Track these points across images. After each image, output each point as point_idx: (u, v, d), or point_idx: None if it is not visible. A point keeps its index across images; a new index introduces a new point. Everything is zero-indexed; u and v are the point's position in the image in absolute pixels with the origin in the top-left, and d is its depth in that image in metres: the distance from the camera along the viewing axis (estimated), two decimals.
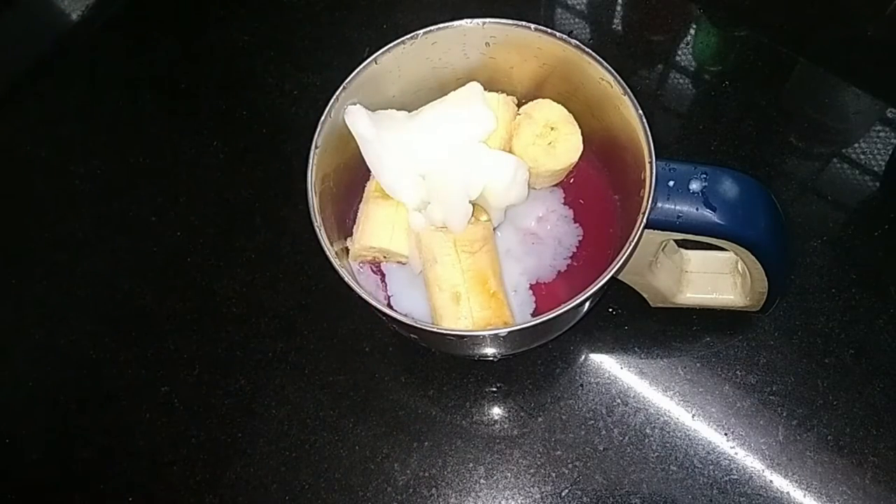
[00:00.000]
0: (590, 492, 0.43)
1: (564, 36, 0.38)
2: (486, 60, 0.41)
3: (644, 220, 0.34)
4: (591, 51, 0.37)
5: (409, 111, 0.41)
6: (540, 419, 0.45)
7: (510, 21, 0.38)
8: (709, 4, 0.59)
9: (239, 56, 0.59)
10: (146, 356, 0.48)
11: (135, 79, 0.60)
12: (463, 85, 0.40)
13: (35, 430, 0.47)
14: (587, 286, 0.33)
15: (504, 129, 0.40)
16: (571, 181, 0.43)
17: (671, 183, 0.35)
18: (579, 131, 0.41)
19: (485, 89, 0.40)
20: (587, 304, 0.36)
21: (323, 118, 0.37)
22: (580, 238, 0.42)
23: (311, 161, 0.36)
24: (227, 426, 0.46)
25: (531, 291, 0.41)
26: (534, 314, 0.41)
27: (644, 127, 0.35)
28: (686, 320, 0.46)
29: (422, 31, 0.38)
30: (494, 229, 0.41)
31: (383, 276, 0.42)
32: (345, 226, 0.42)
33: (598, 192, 0.42)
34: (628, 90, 0.36)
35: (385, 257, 0.41)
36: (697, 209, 0.35)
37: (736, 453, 0.43)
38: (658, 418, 0.44)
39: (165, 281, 0.51)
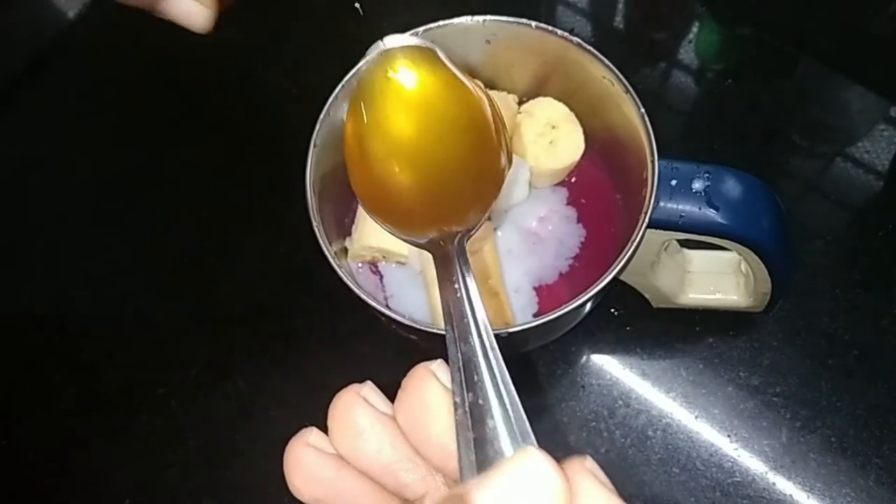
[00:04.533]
0: None
1: (566, 34, 0.37)
2: (487, 58, 0.40)
3: (646, 220, 0.34)
4: (592, 49, 0.37)
5: None
6: (541, 421, 0.44)
7: (511, 18, 0.38)
8: (711, 2, 0.58)
9: (239, 55, 0.59)
10: (143, 357, 0.48)
11: (132, 78, 0.59)
12: None
13: (32, 432, 0.47)
14: (589, 286, 0.33)
15: None
16: (573, 180, 0.43)
17: (673, 182, 0.35)
18: (581, 130, 0.40)
19: (485, 87, 0.40)
20: (589, 305, 0.35)
21: (322, 117, 0.36)
22: (582, 238, 0.42)
23: (309, 160, 0.36)
24: (225, 428, 0.45)
25: (534, 292, 0.41)
26: (536, 315, 0.40)
27: (646, 125, 0.35)
28: (688, 321, 0.46)
29: (421, 29, 0.38)
30: (495, 229, 0.41)
31: (382, 276, 0.41)
32: (344, 225, 0.41)
33: (599, 192, 0.42)
34: (630, 88, 0.36)
35: (384, 257, 0.41)
36: (700, 208, 0.34)
37: (739, 455, 0.43)
38: (660, 420, 0.44)
39: (163, 281, 0.51)
